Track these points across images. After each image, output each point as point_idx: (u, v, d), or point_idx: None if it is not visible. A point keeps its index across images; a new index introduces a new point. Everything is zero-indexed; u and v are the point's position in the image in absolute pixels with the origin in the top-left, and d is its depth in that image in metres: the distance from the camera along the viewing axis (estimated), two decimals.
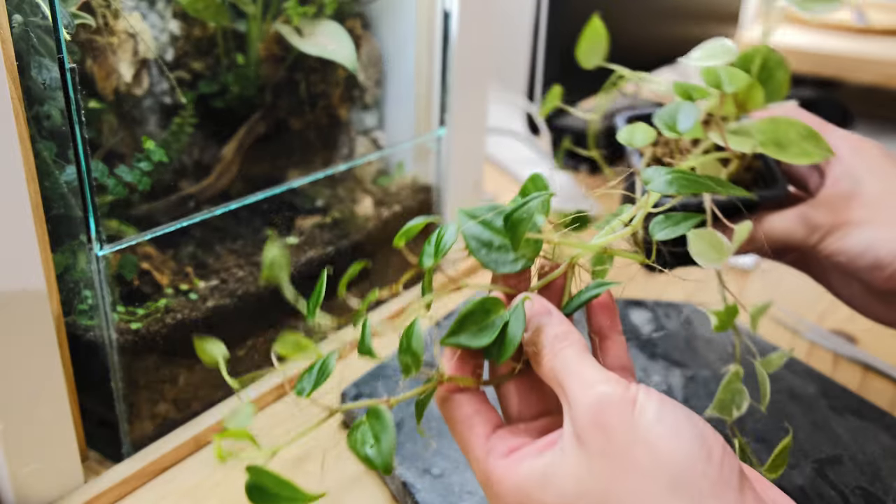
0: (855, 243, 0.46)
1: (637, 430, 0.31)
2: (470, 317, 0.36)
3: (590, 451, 0.31)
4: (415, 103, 0.74)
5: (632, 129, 0.44)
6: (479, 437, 0.36)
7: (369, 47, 0.72)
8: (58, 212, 0.47)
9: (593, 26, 0.56)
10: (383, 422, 0.34)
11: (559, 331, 0.35)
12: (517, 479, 0.33)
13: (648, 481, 0.30)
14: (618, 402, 0.32)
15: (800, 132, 0.44)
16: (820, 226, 0.47)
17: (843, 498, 0.49)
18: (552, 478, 0.32)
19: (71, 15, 0.47)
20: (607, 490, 0.31)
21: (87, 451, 0.52)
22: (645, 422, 0.31)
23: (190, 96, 0.57)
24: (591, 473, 0.31)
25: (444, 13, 0.69)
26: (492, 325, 0.36)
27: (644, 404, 0.32)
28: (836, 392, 0.59)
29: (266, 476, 0.32)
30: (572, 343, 0.35)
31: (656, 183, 0.38)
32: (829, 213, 0.47)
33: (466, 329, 0.35)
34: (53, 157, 0.46)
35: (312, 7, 0.62)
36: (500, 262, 0.38)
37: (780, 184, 0.49)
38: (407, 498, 0.49)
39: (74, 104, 0.44)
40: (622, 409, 0.31)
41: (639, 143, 0.43)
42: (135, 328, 0.51)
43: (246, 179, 0.64)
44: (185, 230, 0.55)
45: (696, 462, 0.30)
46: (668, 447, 0.30)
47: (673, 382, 0.59)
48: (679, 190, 0.38)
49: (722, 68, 0.44)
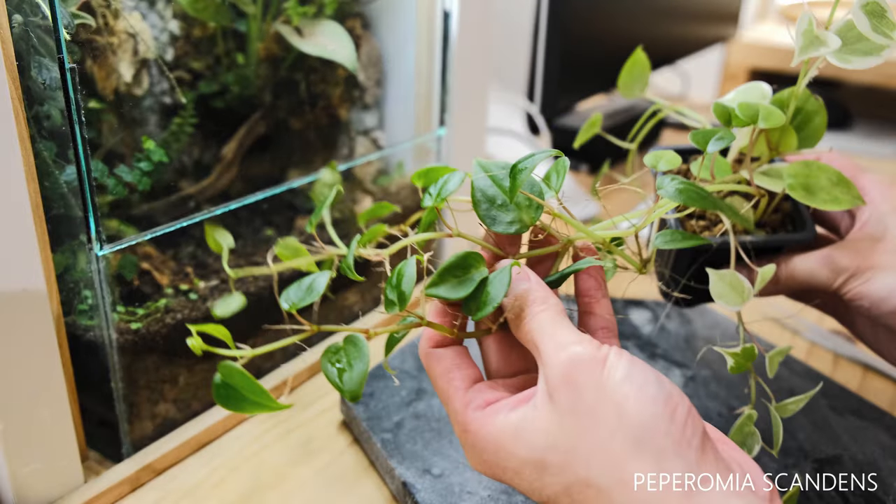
0: (879, 288, 0.45)
1: (605, 389, 0.32)
2: (451, 270, 0.36)
3: (560, 408, 0.33)
4: (415, 103, 0.74)
5: (658, 154, 0.44)
6: (458, 390, 0.37)
7: (369, 47, 0.72)
8: (58, 212, 0.47)
9: (637, 57, 0.56)
10: (359, 350, 0.34)
11: (537, 296, 0.36)
12: (491, 431, 0.35)
13: (613, 437, 0.31)
14: (588, 361, 0.33)
15: (830, 178, 0.44)
16: (844, 269, 0.46)
17: (843, 498, 0.49)
18: (524, 432, 0.34)
19: (71, 15, 0.47)
20: (575, 445, 0.32)
21: (87, 451, 0.52)
22: (613, 381, 0.32)
23: (190, 96, 0.57)
24: (560, 428, 0.33)
25: (444, 13, 0.69)
26: (470, 280, 0.36)
27: (614, 364, 0.33)
28: (836, 392, 0.59)
29: (238, 376, 0.30)
30: (549, 307, 0.36)
31: (667, 190, 0.39)
32: (854, 257, 0.46)
33: (447, 281, 0.36)
34: (53, 157, 0.46)
35: (312, 7, 0.62)
36: (497, 219, 0.38)
37: (807, 226, 0.48)
38: (407, 498, 0.49)
39: (74, 104, 0.44)
40: (592, 368, 0.33)
41: (662, 167, 0.43)
42: (135, 328, 0.51)
43: (246, 179, 0.64)
44: (185, 230, 0.55)
45: (660, 421, 0.31)
46: (634, 406, 0.32)
47: (673, 382, 0.59)
48: (686, 201, 0.38)
49: (761, 105, 0.44)
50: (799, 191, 0.43)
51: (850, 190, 0.44)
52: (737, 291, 0.41)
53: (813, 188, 0.44)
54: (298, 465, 0.54)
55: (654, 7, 1.15)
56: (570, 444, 0.32)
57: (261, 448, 0.55)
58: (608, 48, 1.07)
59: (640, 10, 1.12)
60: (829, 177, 0.44)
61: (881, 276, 0.45)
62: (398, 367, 0.60)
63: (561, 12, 0.95)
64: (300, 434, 0.57)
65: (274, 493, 0.51)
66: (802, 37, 0.41)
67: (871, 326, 0.49)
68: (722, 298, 0.41)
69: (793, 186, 0.44)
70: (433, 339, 0.39)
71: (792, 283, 0.48)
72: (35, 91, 0.45)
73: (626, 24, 1.10)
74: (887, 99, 1.47)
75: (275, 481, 0.52)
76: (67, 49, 0.43)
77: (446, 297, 0.36)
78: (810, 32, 0.41)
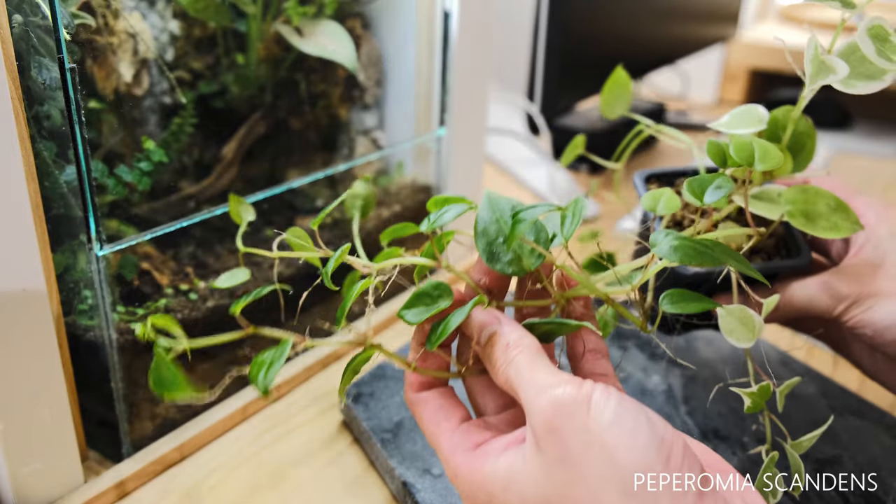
0: (882, 316, 0.44)
1: (592, 434, 0.31)
2: (421, 297, 0.37)
3: (548, 459, 0.31)
4: (415, 103, 0.74)
5: (656, 196, 0.42)
6: (445, 433, 0.37)
7: (369, 47, 0.72)
8: (58, 212, 0.47)
9: (616, 77, 0.55)
10: (280, 351, 0.34)
11: (510, 339, 0.35)
12: (482, 477, 0.34)
13: (605, 488, 0.30)
14: (570, 404, 0.31)
15: (829, 203, 0.43)
16: (845, 296, 0.45)
17: (843, 498, 0.49)
18: (514, 483, 0.32)
19: (71, 15, 0.47)
20: (566, 495, 0.31)
21: (87, 451, 0.52)
22: (601, 426, 0.31)
23: (190, 96, 0.57)
24: (550, 480, 0.31)
25: (444, 13, 0.69)
26: (435, 307, 0.37)
27: (600, 404, 0.31)
28: (836, 392, 0.59)
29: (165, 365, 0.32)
30: (524, 349, 0.35)
31: (661, 248, 0.37)
32: (854, 284, 0.45)
33: (415, 306, 0.37)
34: (53, 157, 0.46)
35: (312, 7, 0.62)
36: (496, 257, 0.38)
37: (803, 252, 0.48)
38: (407, 498, 0.49)
39: (74, 104, 0.44)
40: (576, 412, 0.31)
41: (661, 211, 0.41)
42: (135, 328, 0.51)
43: (246, 179, 0.64)
44: (185, 230, 0.55)
45: (654, 468, 0.30)
46: (626, 454, 0.30)
47: (673, 382, 0.59)
48: (683, 259, 0.36)
49: (756, 142, 0.42)
50: (799, 218, 0.42)
51: (849, 215, 0.43)
52: (747, 327, 0.39)
53: (812, 215, 0.43)
54: (298, 465, 0.54)
55: (654, 7, 1.15)
56: (561, 496, 0.31)
57: (261, 448, 0.55)
58: (608, 48, 1.07)
59: (640, 10, 1.12)
60: (828, 202, 0.43)
61: (884, 303, 0.44)
62: (399, 369, 0.60)
63: (561, 12, 0.95)
64: (300, 434, 0.57)
65: (274, 494, 0.51)
66: (811, 64, 0.40)
67: (870, 354, 0.49)
68: (732, 335, 0.40)
69: (792, 214, 0.43)
70: (417, 384, 0.39)
71: (790, 311, 0.47)
72: (35, 91, 0.45)
73: (626, 24, 1.10)
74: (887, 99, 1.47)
75: (275, 481, 0.52)
76: (67, 49, 0.43)
77: (411, 322, 0.36)
78: (818, 60, 0.40)
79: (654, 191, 0.42)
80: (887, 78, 0.40)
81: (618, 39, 1.09)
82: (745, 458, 0.52)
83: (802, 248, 0.48)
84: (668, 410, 0.56)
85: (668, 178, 0.51)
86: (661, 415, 0.55)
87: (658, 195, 0.42)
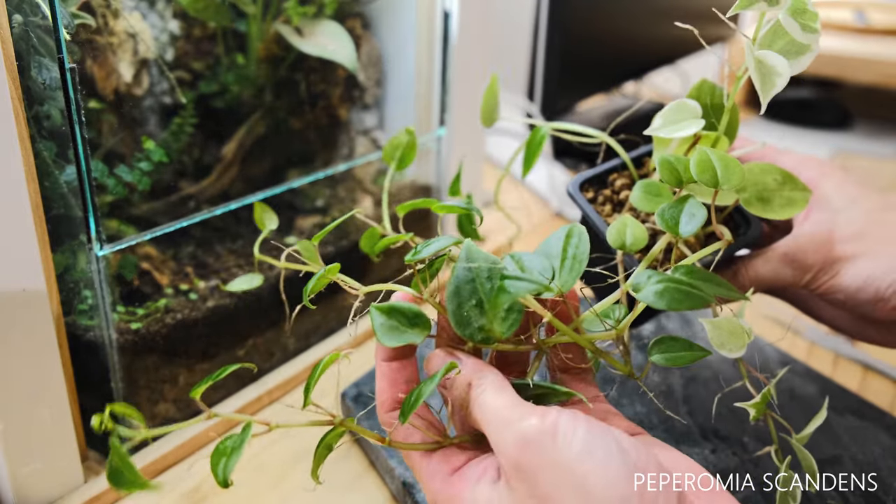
0: (851, 280, 0.44)
1: (561, 467, 0.29)
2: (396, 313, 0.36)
3: (519, 496, 0.30)
4: (415, 103, 0.74)
5: (620, 230, 0.39)
6: (423, 458, 0.36)
7: (369, 47, 0.72)
8: (58, 212, 0.47)
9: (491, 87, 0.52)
10: (241, 440, 0.34)
11: (472, 377, 0.34)
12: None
13: None
14: (536, 438, 0.30)
15: (775, 178, 0.42)
16: (809, 266, 0.45)
17: (843, 498, 0.49)
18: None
19: (71, 15, 0.47)
20: None
21: (87, 451, 0.52)
22: (569, 457, 0.29)
23: (190, 96, 0.57)
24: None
25: (444, 13, 0.69)
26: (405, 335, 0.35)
27: (567, 434, 0.30)
28: (836, 392, 0.59)
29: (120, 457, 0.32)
30: (486, 386, 0.34)
31: (646, 294, 0.34)
32: (815, 252, 0.45)
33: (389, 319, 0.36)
34: (53, 157, 0.46)
35: (312, 7, 0.62)
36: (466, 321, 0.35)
37: (753, 224, 0.47)
38: (407, 498, 0.49)
39: (74, 104, 0.44)
40: (542, 445, 0.30)
41: (632, 247, 0.38)
42: (135, 328, 0.51)
43: (246, 179, 0.64)
44: (185, 230, 0.55)
45: (628, 499, 0.29)
46: (598, 487, 0.29)
47: (673, 382, 0.59)
48: (670, 305, 0.33)
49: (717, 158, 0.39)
50: (755, 203, 0.42)
51: (797, 185, 0.42)
52: (737, 336, 0.38)
53: (766, 196, 0.42)
54: (298, 465, 0.54)
55: (654, 7, 1.15)
56: None
57: (261, 448, 0.55)
58: (608, 48, 1.07)
59: (640, 10, 1.12)
60: (774, 177, 0.42)
61: (849, 267, 0.44)
62: None
63: (561, 12, 0.95)
64: (300, 434, 0.57)
65: (274, 494, 0.51)
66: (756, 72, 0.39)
67: (837, 312, 0.49)
68: (724, 347, 0.38)
69: (748, 201, 0.42)
70: (388, 403, 0.37)
71: (759, 287, 0.47)
72: (35, 91, 0.45)
73: (626, 24, 1.10)
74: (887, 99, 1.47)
75: (275, 481, 0.52)
76: (67, 49, 0.43)
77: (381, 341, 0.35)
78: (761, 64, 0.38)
79: (616, 223, 0.39)
80: (814, 48, 0.39)
81: (618, 39, 1.09)
82: (746, 458, 0.52)
83: (751, 220, 0.47)
84: (668, 410, 0.56)
85: (601, 178, 0.50)
86: (661, 415, 0.55)
87: (622, 228, 0.39)
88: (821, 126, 1.37)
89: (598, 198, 0.49)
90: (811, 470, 0.41)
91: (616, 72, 1.14)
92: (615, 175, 0.50)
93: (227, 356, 0.58)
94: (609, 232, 0.39)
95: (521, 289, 0.33)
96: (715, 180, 0.39)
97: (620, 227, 0.39)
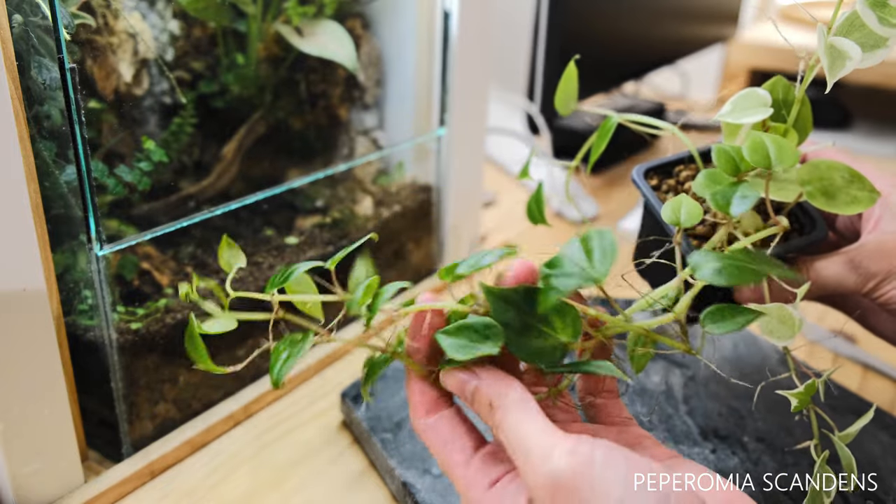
0: None
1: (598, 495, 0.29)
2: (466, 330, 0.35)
3: None
4: (415, 103, 0.74)
5: (675, 207, 0.39)
6: (459, 466, 0.35)
7: (369, 47, 0.72)
8: (58, 212, 0.47)
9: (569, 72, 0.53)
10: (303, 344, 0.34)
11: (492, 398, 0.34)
12: None
13: None
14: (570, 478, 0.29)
15: (843, 176, 0.41)
16: (874, 274, 0.45)
17: (844, 498, 0.49)
18: None
19: (71, 15, 0.47)
20: None
21: (87, 451, 0.52)
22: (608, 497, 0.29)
23: (190, 96, 0.57)
24: None
25: (444, 13, 0.69)
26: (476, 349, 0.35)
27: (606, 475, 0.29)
28: (836, 392, 0.59)
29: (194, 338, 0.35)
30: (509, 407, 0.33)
31: (704, 272, 0.35)
32: (882, 260, 0.45)
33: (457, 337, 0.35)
34: (53, 157, 0.46)
35: (312, 7, 0.62)
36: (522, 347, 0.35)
37: (818, 225, 0.47)
38: (407, 498, 0.49)
39: (74, 104, 0.44)
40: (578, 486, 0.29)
41: (686, 223, 0.39)
42: (135, 328, 0.51)
43: (246, 179, 0.64)
44: (185, 230, 0.55)
45: None
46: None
47: (673, 382, 0.59)
48: (729, 281, 0.34)
49: (770, 141, 0.40)
50: (819, 198, 0.41)
51: (865, 185, 0.41)
52: (787, 325, 0.38)
53: (830, 191, 0.41)
54: (298, 465, 0.54)
55: (654, 7, 1.15)
56: None
57: (261, 448, 0.55)
58: (608, 48, 1.07)
59: (640, 10, 1.12)
60: (842, 174, 0.41)
61: None
62: (399, 367, 0.60)
63: (561, 12, 0.95)
64: (300, 434, 0.57)
65: (274, 493, 0.51)
66: (826, 55, 0.39)
67: (892, 322, 0.49)
68: (773, 334, 0.38)
69: (812, 194, 0.41)
70: (423, 409, 0.37)
71: (819, 291, 0.47)
72: (35, 91, 0.45)
73: (626, 24, 1.10)
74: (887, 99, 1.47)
75: (275, 481, 0.52)
76: (67, 49, 0.43)
77: (448, 352, 0.34)
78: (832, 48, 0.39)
79: (671, 201, 0.40)
80: (890, 43, 0.39)
81: (618, 39, 1.09)
82: (746, 458, 0.52)
83: (817, 221, 0.47)
84: (669, 410, 0.56)
85: (667, 168, 0.51)
86: (661, 415, 0.55)
87: (677, 205, 0.40)
88: (821, 126, 1.37)
89: (661, 186, 0.49)
90: (850, 468, 0.41)
91: (616, 72, 1.14)
92: (681, 167, 0.50)
93: (228, 356, 0.58)
94: (664, 209, 0.40)
95: (569, 284, 0.33)
96: (767, 161, 0.39)
97: (675, 205, 0.40)
